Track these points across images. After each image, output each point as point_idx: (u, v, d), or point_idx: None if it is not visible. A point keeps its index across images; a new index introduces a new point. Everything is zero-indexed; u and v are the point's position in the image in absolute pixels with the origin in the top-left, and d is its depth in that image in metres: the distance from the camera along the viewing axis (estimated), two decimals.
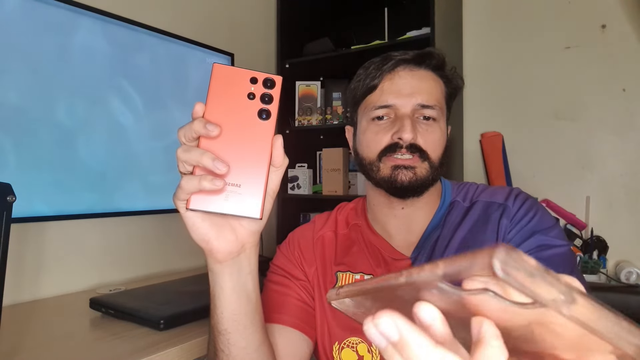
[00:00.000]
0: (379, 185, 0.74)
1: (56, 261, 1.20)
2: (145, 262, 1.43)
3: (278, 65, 2.00)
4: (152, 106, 1.35)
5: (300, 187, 1.94)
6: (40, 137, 1.10)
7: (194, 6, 1.63)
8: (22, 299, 1.12)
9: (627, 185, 1.51)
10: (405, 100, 0.72)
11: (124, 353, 0.80)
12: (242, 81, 0.47)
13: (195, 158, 0.45)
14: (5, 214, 0.63)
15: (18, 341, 0.85)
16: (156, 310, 0.94)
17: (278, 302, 0.73)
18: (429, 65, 0.74)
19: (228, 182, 0.45)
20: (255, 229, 0.52)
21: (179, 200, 0.46)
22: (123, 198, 1.27)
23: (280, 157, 0.48)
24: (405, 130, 0.69)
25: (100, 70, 1.22)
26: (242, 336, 0.55)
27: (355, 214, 0.83)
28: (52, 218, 1.12)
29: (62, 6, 1.13)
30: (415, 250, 0.74)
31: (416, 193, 0.72)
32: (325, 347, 0.73)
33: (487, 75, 1.79)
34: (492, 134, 1.74)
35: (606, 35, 1.56)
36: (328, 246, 0.79)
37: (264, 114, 0.47)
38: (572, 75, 1.62)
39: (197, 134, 0.45)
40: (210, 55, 1.53)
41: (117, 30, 1.25)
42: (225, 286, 0.53)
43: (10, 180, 0.65)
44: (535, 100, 1.68)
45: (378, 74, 0.73)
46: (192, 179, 0.44)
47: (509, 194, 0.74)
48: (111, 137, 1.25)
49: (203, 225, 0.49)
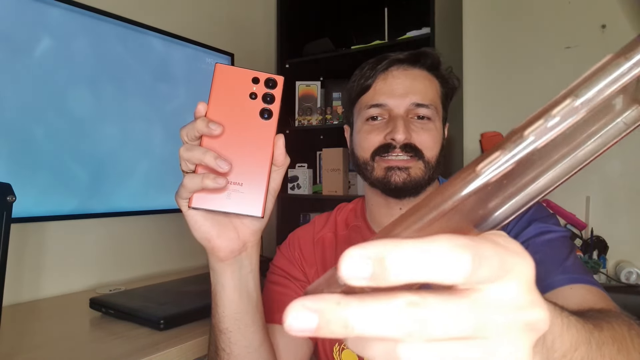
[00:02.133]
0: (374, 185, 0.74)
1: (56, 261, 1.19)
2: (145, 262, 1.42)
3: (278, 65, 2.00)
4: (152, 106, 1.34)
5: (300, 187, 1.94)
6: (40, 137, 1.10)
7: (194, 6, 1.63)
8: (22, 299, 1.12)
9: (627, 185, 1.51)
10: (398, 101, 0.72)
11: (124, 353, 0.80)
12: (244, 81, 0.47)
13: (198, 157, 0.45)
14: (5, 214, 0.62)
15: (18, 341, 0.85)
16: (156, 310, 0.94)
17: (278, 302, 0.73)
18: (423, 64, 0.75)
19: (230, 181, 0.45)
20: (257, 227, 0.52)
21: (182, 198, 0.46)
22: (123, 198, 1.27)
23: (282, 156, 0.48)
24: (397, 131, 0.69)
25: (100, 70, 1.22)
26: (243, 335, 0.55)
27: (355, 215, 0.83)
28: (52, 218, 1.12)
29: (61, 6, 1.13)
30: None
31: (412, 193, 0.72)
32: (325, 348, 0.73)
33: (487, 75, 1.79)
34: (492, 134, 1.74)
35: (606, 35, 1.57)
36: (328, 247, 0.79)
37: (266, 114, 0.47)
38: (572, 75, 1.60)
39: (199, 132, 0.45)
40: (210, 55, 1.53)
41: (116, 30, 1.25)
42: (226, 285, 0.53)
43: (10, 180, 0.65)
44: (535, 100, 1.68)
45: (372, 74, 0.74)
46: (194, 178, 0.44)
47: None
48: (111, 137, 1.24)
49: (205, 224, 0.49)
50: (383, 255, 0.17)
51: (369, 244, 0.18)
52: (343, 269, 0.17)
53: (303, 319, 0.18)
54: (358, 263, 0.17)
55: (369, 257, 0.17)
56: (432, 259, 0.17)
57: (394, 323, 0.17)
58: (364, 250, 0.17)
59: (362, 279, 0.17)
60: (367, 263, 0.17)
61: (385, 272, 0.17)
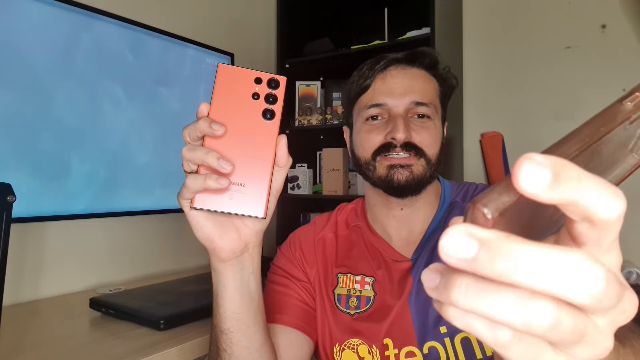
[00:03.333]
0: (376, 185, 0.74)
1: (56, 261, 1.19)
2: (145, 262, 1.42)
3: (278, 65, 2.00)
4: (152, 106, 1.34)
5: (300, 187, 1.94)
6: (40, 137, 1.10)
7: (194, 6, 1.63)
8: (22, 299, 1.12)
9: (627, 185, 1.50)
10: (398, 100, 0.72)
11: (124, 353, 0.79)
12: (246, 81, 0.47)
13: (200, 157, 0.45)
14: (5, 214, 0.62)
15: (18, 341, 0.85)
16: (156, 310, 0.94)
17: (279, 303, 0.73)
18: (421, 64, 0.75)
19: (232, 182, 0.45)
20: (259, 228, 0.52)
21: (184, 199, 0.46)
22: (123, 198, 1.27)
23: (284, 156, 0.48)
24: (398, 130, 0.69)
25: (100, 70, 1.22)
26: (244, 335, 0.55)
27: (355, 215, 0.83)
28: (52, 218, 1.11)
29: (61, 6, 1.13)
30: (416, 252, 0.74)
31: (414, 192, 0.72)
32: (325, 348, 0.73)
33: (487, 75, 1.79)
34: (492, 134, 1.74)
35: (606, 35, 1.57)
36: (329, 248, 0.79)
37: (268, 114, 0.47)
38: (572, 75, 1.62)
39: (201, 133, 0.45)
40: (211, 55, 1.53)
41: (116, 30, 1.25)
42: (228, 285, 0.53)
43: (10, 180, 0.65)
44: (535, 100, 1.68)
45: (370, 74, 0.74)
46: (197, 178, 0.44)
47: None
48: (112, 137, 1.24)
49: (207, 224, 0.49)
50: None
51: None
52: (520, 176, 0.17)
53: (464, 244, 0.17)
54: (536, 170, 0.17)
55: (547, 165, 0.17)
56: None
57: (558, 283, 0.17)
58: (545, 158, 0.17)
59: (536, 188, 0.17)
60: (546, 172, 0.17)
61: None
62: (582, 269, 0.17)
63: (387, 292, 0.72)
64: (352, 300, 0.73)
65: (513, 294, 0.17)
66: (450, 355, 0.66)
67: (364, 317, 0.71)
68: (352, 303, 0.73)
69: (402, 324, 0.69)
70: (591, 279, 0.17)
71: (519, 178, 0.17)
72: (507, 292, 0.17)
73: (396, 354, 0.68)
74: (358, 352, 0.70)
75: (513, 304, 0.17)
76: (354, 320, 0.72)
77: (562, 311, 0.17)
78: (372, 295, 0.72)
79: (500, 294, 0.17)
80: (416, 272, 0.72)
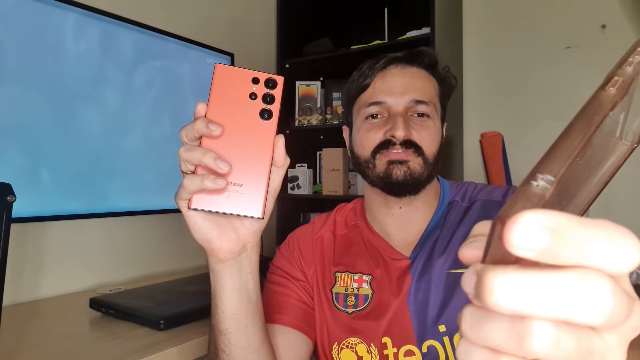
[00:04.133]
0: (374, 184, 0.74)
1: (56, 261, 1.19)
2: (145, 262, 1.42)
3: (278, 65, 2.00)
4: (152, 106, 1.34)
5: (300, 187, 1.94)
6: (41, 137, 1.10)
7: (194, 6, 1.63)
8: (22, 299, 1.12)
9: (627, 185, 1.51)
10: (397, 98, 0.72)
11: (124, 353, 0.80)
12: (244, 81, 0.47)
13: (198, 157, 0.45)
14: (5, 214, 0.62)
15: (18, 341, 0.85)
16: (156, 310, 0.94)
17: (278, 303, 0.73)
18: (420, 63, 0.75)
19: (230, 182, 0.45)
20: (257, 228, 0.52)
21: (181, 199, 0.46)
22: (123, 198, 1.27)
23: (282, 157, 0.48)
24: (397, 127, 0.69)
25: (100, 70, 1.22)
26: (243, 336, 0.55)
27: (354, 215, 0.83)
28: (52, 218, 1.12)
29: (61, 6, 1.13)
30: (415, 250, 0.74)
31: (412, 190, 0.72)
32: (324, 348, 0.73)
33: (487, 75, 1.79)
34: (492, 134, 1.74)
35: (606, 35, 1.57)
36: (327, 246, 0.79)
37: (266, 114, 0.47)
38: (572, 75, 1.62)
39: (199, 133, 0.45)
40: (210, 55, 1.53)
41: (116, 30, 1.25)
42: (226, 285, 0.53)
43: (10, 180, 0.65)
44: (536, 100, 1.68)
45: (370, 73, 0.74)
46: (194, 179, 0.44)
47: (507, 191, 0.75)
48: (112, 137, 1.24)
49: (205, 225, 0.49)
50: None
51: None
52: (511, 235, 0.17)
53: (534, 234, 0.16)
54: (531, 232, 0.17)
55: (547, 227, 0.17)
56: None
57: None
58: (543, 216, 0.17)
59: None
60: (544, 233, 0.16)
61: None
62: (587, 287, 0.16)
63: (385, 290, 0.72)
64: (350, 299, 0.73)
65: (506, 322, 0.17)
66: (450, 354, 0.66)
67: (362, 316, 0.71)
68: (350, 301, 0.73)
69: (400, 323, 0.69)
70: (597, 297, 0.16)
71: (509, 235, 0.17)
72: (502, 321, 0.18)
73: (395, 353, 0.68)
74: (356, 351, 0.70)
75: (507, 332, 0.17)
76: (352, 318, 0.72)
77: (561, 332, 0.17)
78: (370, 294, 0.73)
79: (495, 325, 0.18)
80: (414, 270, 0.72)
